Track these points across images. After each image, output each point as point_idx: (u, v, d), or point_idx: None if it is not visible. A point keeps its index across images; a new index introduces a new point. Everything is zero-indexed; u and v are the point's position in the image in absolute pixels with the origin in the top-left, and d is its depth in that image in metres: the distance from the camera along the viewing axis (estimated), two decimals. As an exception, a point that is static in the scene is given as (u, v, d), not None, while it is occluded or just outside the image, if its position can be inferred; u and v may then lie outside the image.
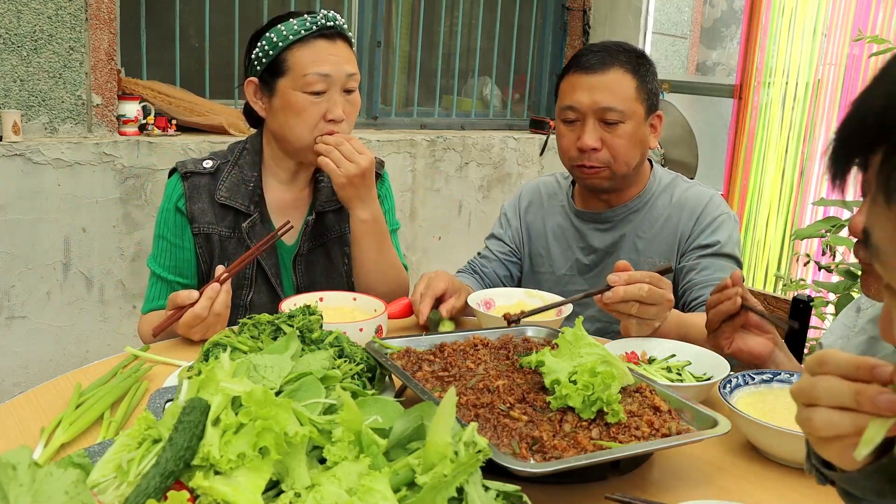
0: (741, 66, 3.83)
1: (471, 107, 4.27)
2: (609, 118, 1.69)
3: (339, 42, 1.69)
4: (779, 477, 1.09)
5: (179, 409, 0.86)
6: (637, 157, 1.74)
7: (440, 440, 0.81)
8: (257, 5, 3.50)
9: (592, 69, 1.70)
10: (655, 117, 1.78)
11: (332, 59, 1.66)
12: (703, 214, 1.77)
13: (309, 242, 1.77)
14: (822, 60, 3.68)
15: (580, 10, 4.41)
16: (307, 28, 1.66)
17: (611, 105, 1.68)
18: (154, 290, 1.74)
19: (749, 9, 3.78)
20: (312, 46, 1.66)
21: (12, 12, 2.72)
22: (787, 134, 3.78)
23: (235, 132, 3.19)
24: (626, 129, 1.70)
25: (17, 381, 2.86)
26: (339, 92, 1.68)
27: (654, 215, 1.81)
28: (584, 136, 1.70)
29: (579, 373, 1.05)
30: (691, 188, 1.83)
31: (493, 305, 1.66)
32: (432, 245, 3.85)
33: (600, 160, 1.71)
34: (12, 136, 2.72)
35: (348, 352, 1.20)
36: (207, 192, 1.70)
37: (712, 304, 1.36)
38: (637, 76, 1.71)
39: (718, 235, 1.74)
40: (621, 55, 1.72)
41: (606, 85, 1.69)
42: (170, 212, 1.71)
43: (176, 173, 1.73)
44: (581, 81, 1.71)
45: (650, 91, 1.74)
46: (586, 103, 1.69)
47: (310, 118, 1.66)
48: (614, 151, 1.70)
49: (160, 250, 1.73)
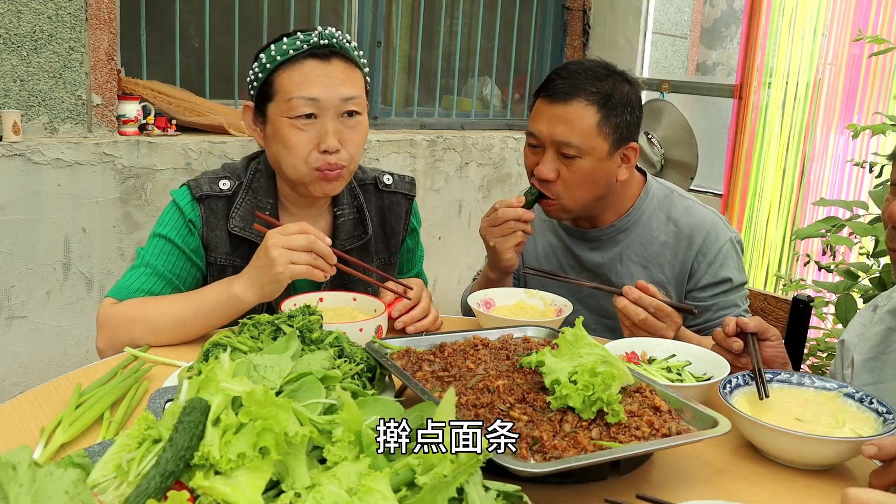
0: (741, 66, 3.83)
1: (471, 107, 4.27)
2: (565, 152, 1.62)
3: (334, 62, 1.52)
4: (779, 477, 1.09)
5: (179, 409, 0.86)
6: (592, 194, 1.67)
7: (440, 440, 0.81)
8: (257, 5, 3.50)
9: (556, 98, 1.63)
10: (629, 149, 1.68)
11: (323, 80, 1.50)
12: (704, 246, 1.71)
13: (332, 282, 1.62)
14: (822, 60, 3.67)
15: (580, 10, 4.41)
16: (297, 48, 1.50)
17: (567, 140, 1.61)
18: (147, 282, 1.52)
19: (749, 9, 3.78)
20: (300, 67, 1.50)
21: (12, 12, 2.72)
22: (787, 134, 3.78)
23: (235, 132, 3.19)
24: (583, 164, 1.62)
25: (17, 381, 2.86)
26: (333, 118, 1.51)
27: (648, 238, 1.75)
28: (541, 164, 1.65)
29: (579, 373, 1.05)
30: (690, 211, 1.75)
31: (493, 305, 1.66)
32: (432, 245, 3.85)
33: (553, 192, 1.66)
34: (12, 136, 2.72)
35: (348, 352, 1.20)
36: (223, 219, 1.56)
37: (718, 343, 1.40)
38: (603, 109, 1.61)
39: (726, 270, 1.71)
40: (590, 84, 1.62)
41: (566, 117, 1.61)
42: (184, 225, 1.56)
43: (187, 189, 1.57)
44: (544, 109, 1.65)
45: (618, 124, 1.63)
46: (545, 133, 1.64)
47: (299, 149, 1.50)
48: (566, 186, 1.65)
49: (161, 250, 1.56)
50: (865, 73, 3.55)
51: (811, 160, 3.75)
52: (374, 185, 1.72)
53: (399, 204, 1.75)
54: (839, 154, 3.66)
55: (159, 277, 1.54)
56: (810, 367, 2.89)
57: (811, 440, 1.07)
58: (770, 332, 1.36)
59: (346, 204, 1.66)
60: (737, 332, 1.35)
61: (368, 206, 1.70)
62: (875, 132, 2.87)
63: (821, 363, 2.89)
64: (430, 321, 1.58)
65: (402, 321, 1.56)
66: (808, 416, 1.18)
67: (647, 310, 1.46)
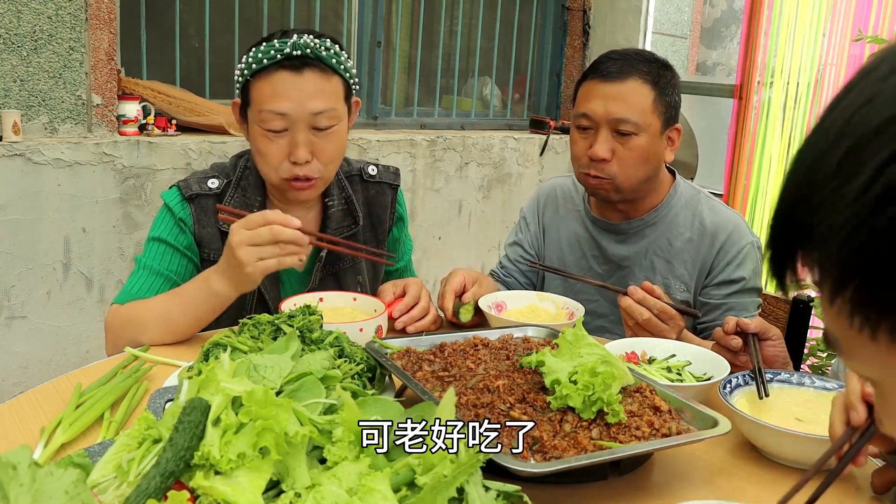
0: (741, 66, 3.83)
1: (471, 107, 4.27)
2: (622, 129, 1.64)
3: (306, 73, 1.50)
4: (779, 477, 1.09)
5: (180, 409, 0.86)
6: (646, 172, 1.69)
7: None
8: (257, 5, 3.50)
9: (610, 77, 1.65)
10: (674, 130, 1.72)
11: (294, 94, 1.49)
12: (727, 244, 1.72)
13: (321, 272, 1.67)
14: (822, 60, 3.67)
15: (580, 10, 4.41)
16: (270, 57, 1.49)
17: (625, 116, 1.63)
18: (146, 282, 1.55)
19: (749, 9, 3.78)
20: (271, 80, 1.49)
21: (12, 12, 2.72)
22: (787, 134, 3.78)
23: (235, 132, 3.18)
24: (639, 142, 1.65)
25: (17, 381, 2.86)
26: (303, 130, 1.50)
27: (674, 233, 1.76)
28: (595, 145, 1.65)
29: (579, 373, 1.05)
30: (716, 211, 1.77)
31: (505, 308, 1.65)
32: (432, 245, 3.85)
33: (607, 172, 1.66)
34: (12, 136, 2.72)
35: (348, 352, 1.20)
36: (214, 216, 1.58)
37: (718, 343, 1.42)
38: (656, 87, 1.65)
39: (743, 271, 1.71)
40: (641, 65, 1.66)
41: (623, 95, 1.64)
42: (175, 225, 1.59)
43: (177, 190, 1.59)
44: (597, 89, 1.66)
45: (669, 104, 1.68)
46: (600, 113, 1.65)
47: (271, 159, 1.52)
48: (623, 164, 1.66)
49: (156, 252, 1.58)
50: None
51: (811, 160, 3.75)
52: (359, 177, 1.75)
53: (384, 193, 1.77)
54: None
55: (157, 276, 1.56)
56: (810, 367, 2.89)
57: (811, 440, 1.07)
58: (771, 332, 1.36)
59: (336, 195, 1.68)
60: (736, 331, 1.35)
61: (356, 196, 1.72)
62: (875, 132, 2.86)
63: (821, 363, 2.89)
64: (429, 321, 1.59)
65: (401, 321, 1.56)
66: (808, 416, 1.18)
67: (651, 311, 1.46)
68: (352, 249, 1.61)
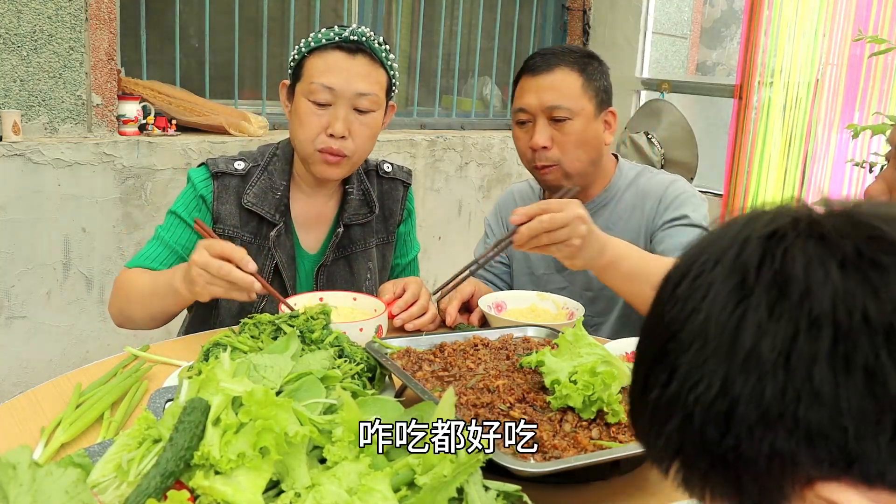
0: (741, 66, 3.83)
1: (471, 107, 4.27)
2: (557, 115, 1.71)
3: (358, 57, 1.62)
4: (779, 477, 1.09)
5: (180, 409, 0.86)
6: (588, 155, 1.75)
7: (440, 440, 0.81)
8: (257, 5, 3.49)
9: (538, 70, 1.73)
10: (608, 114, 1.78)
11: (344, 73, 1.61)
12: (665, 195, 1.78)
13: (334, 254, 1.75)
14: (822, 60, 3.68)
15: (580, 10, 4.42)
16: (329, 38, 1.63)
17: (557, 103, 1.70)
18: (155, 251, 1.65)
19: (749, 9, 3.78)
20: (326, 57, 1.62)
21: (12, 12, 2.72)
22: (787, 134, 3.79)
23: (235, 132, 3.19)
24: (575, 126, 1.71)
25: (17, 381, 2.86)
26: (345, 107, 1.62)
27: (622, 208, 1.82)
28: (535, 135, 1.73)
29: (579, 373, 1.05)
30: (655, 176, 1.84)
31: (505, 308, 1.66)
32: (432, 245, 3.85)
33: (550, 158, 1.73)
34: (12, 136, 2.72)
35: (348, 352, 1.20)
36: (236, 195, 1.67)
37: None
38: (583, 74, 1.73)
39: (684, 209, 1.74)
40: (567, 56, 1.75)
41: (553, 84, 1.72)
42: (194, 199, 1.67)
43: (205, 167, 1.68)
44: (529, 84, 1.74)
45: (598, 88, 1.75)
46: (535, 104, 1.72)
47: (310, 128, 1.62)
48: (564, 149, 1.72)
49: (170, 224, 1.67)
50: (865, 73, 3.56)
51: (812, 160, 3.75)
52: (375, 172, 1.86)
53: (397, 189, 1.88)
54: (840, 154, 3.67)
55: (165, 247, 1.65)
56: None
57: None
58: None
59: (355, 185, 1.79)
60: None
61: (372, 189, 1.83)
62: (875, 132, 2.87)
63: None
64: (427, 319, 1.61)
65: (400, 318, 1.58)
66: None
67: (543, 227, 1.37)
68: (280, 299, 1.52)
